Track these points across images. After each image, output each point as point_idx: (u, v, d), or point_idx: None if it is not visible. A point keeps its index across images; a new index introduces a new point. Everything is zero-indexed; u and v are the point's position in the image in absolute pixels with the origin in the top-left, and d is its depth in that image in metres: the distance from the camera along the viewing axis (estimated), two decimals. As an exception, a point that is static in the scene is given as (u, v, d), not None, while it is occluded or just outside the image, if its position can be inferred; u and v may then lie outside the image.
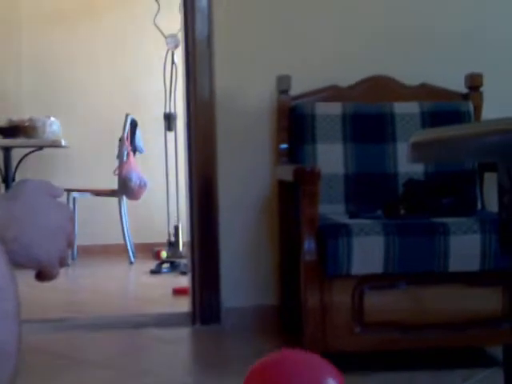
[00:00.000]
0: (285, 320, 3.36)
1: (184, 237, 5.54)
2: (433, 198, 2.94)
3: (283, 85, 3.34)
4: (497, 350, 2.87)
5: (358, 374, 2.63)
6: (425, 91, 3.43)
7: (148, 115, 6.39)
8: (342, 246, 2.57)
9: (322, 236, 2.63)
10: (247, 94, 3.49)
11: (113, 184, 5.97)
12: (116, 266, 5.88)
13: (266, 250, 3.48)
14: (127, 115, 6.00)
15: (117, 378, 2.76)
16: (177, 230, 5.99)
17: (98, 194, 6.13)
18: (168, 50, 6.04)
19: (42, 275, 0.92)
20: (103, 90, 6.60)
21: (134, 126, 6.07)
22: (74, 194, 6.02)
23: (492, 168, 3.12)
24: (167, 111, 6.06)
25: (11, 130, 5.87)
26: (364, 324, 2.66)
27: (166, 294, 4.40)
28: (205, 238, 3.51)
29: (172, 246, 6.00)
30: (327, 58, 3.52)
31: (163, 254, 5.93)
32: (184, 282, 4.21)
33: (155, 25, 5.95)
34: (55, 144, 5.97)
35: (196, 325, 3.52)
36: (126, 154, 5.95)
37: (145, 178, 6.00)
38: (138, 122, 6.11)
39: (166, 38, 6.00)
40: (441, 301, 2.68)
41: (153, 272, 5.39)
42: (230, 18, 3.51)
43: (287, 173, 2.94)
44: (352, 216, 2.93)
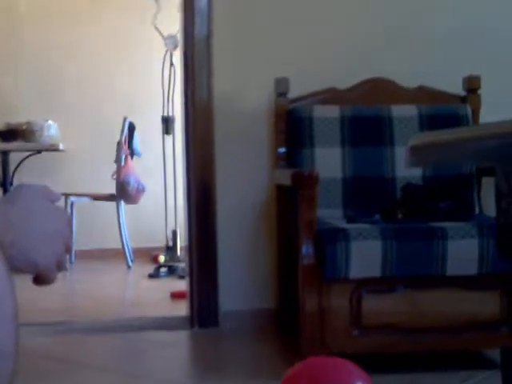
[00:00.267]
0: (283, 323, 3.36)
1: (182, 241, 5.54)
2: (431, 202, 2.94)
3: (281, 87, 3.34)
4: (494, 353, 2.87)
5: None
6: (423, 94, 3.43)
7: (146, 118, 6.38)
8: (340, 251, 2.57)
9: (320, 240, 2.63)
10: (245, 97, 3.49)
11: (111, 188, 5.96)
12: (114, 270, 5.87)
13: (264, 254, 3.48)
14: (125, 118, 5.99)
15: (115, 381, 2.76)
16: (175, 234, 5.98)
17: (96, 198, 6.12)
18: (167, 50, 6.04)
19: (40, 279, 0.91)
20: (101, 93, 6.60)
21: (131, 130, 6.06)
22: (71, 199, 6.02)
23: (490, 172, 3.12)
24: (165, 114, 6.06)
25: (9, 134, 5.86)
26: (362, 327, 2.66)
27: (164, 298, 4.40)
28: (203, 242, 3.51)
29: (170, 250, 6.00)
30: (325, 60, 3.53)
31: (161, 259, 5.93)
32: (182, 286, 4.20)
33: (154, 25, 5.95)
34: (53, 148, 5.96)
35: (194, 328, 3.51)
36: (123, 157, 5.94)
37: (143, 182, 5.99)
38: (136, 125, 6.11)
39: (164, 38, 6.00)
40: (439, 304, 2.68)
41: (151, 276, 5.38)
42: (229, 20, 3.51)
43: (285, 177, 2.94)
44: (350, 220, 2.93)
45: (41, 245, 0.89)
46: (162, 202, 6.19)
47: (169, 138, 6.08)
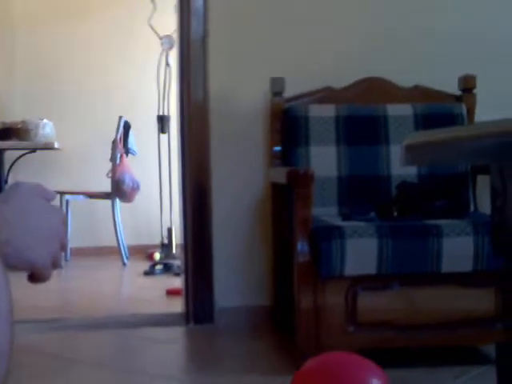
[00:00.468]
0: (278, 320, 3.37)
1: (177, 238, 5.55)
2: (426, 200, 2.95)
3: (277, 87, 3.35)
4: (489, 348, 2.89)
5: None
6: (418, 93, 3.45)
7: (141, 117, 6.39)
8: (335, 248, 2.58)
9: (316, 238, 2.64)
10: (241, 96, 3.50)
11: (106, 186, 5.96)
12: (109, 267, 5.88)
13: (260, 251, 3.49)
14: (120, 117, 6.00)
15: (110, 377, 2.77)
16: (170, 231, 5.99)
17: (91, 196, 6.13)
18: (163, 50, 6.05)
19: (35, 277, 0.91)
20: (97, 92, 6.60)
21: (127, 128, 6.07)
22: (66, 197, 6.02)
23: (485, 170, 3.13)
24: (161, 113, 6.07)
25: (4, 133, 5.86)
26: (357, 324, 2.67)
27: (160, 296, 4.41)
28: (198, 240, 3.52)
29: (165, 247, 6.00)
30: (321, 59, 3.54)
31: (156, 256, 5.93)
32: (177, 283, 4.21)
33: (150, 25, 5.95)
34: (48, 146, 5.96)
35: (189, 325, 3.52)
36: (119, 156, 5.95)
37: (138, 180, 6.00)
38: (131, 123, 6.11)
39: (160, 38, 6.01)
40: (434, 301, 2.70)
41: (146, 273, 5.39)
42: (225, 20, 3.52)
43: (281, 175, 2.95)
44: (345, 218, 2.94)
45: (36, 243, 0.89)
46: (158, 200, 6.20)
47: (164, 137, 6.08)
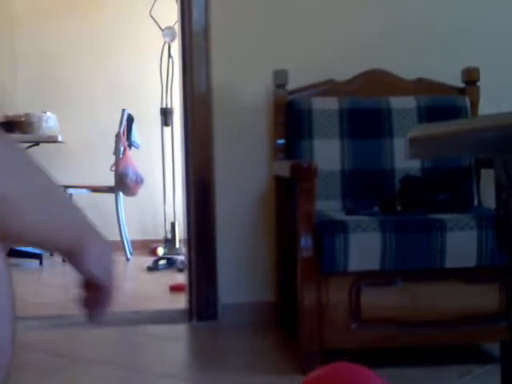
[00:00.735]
0: (282, 316, 3.35)
1: (181, 233, 5.53)
2: (429, 194, 2.93)
3: (280, 79, 3.33)
4: (493, 347, 2.87)
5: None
6: (422, 86, 3.42)
7: (144, 110, 6.37)
8: (338, 243, 2.56)
9: (319, 233, 2.62)
10: (244, 89, 3.48)
11: (109, 180, 5.95)
12: (113, 262, 5.86)
13: (263, 246, 3.47)
14: (123, 110, 5.98)
15: (114, 374, 2.76)
16: (173, 226, 5.98)
17: (95, 190, 6.12)
18: (165, 42, 6.02)
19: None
20: (99, 85, 6.58)
21: (130, 122, 6.06)
22: (70, 190, 6.01)
23: (489, 164, 3.11)
24: (164, 106, 6.05)
25: (7, 126, 5.85)
26: (361, 321, 2.65)
27: (163, 291, 4.39)
28: (202, 235, 3.50)
29: (169, 242, 6.00)
30: (324, 52, 3.51)
31: (160, 251, 5.93)
32: (181, 278, 4.20)
33: (152, 17, 5.93)
34: (51, 139, 5.96)
35: (193, 321, 3.51)
36: (122, 149, 5.94)
37: (141, 173, 5.98)
38: (135, 117, 6.10)
39: (162, 30, 5.98)
40: (437, 297, 2.67)
41: (149, 269, 5.37)
42: (227, 11, 3.49)
43: (284, 169, 2.92)
44: (349, 212, 2.92)
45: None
46: (161, 194, 6.19)
47: (167, 130, 6.07)
